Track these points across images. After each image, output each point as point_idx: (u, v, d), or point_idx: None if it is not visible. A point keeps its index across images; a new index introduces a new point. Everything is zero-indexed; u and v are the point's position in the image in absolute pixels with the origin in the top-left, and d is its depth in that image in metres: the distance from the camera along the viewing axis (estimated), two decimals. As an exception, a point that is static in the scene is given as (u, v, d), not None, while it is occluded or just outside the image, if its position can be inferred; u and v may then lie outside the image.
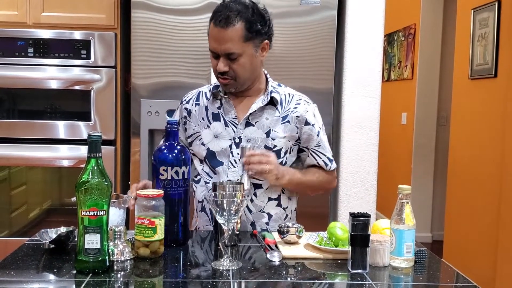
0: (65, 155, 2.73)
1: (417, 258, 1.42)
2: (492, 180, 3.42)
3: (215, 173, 1.75)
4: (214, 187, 1.58)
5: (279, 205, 1.76)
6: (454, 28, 4.14)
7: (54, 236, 1.46)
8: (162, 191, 1.43)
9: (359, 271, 1.33)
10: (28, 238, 1.54)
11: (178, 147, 1.55)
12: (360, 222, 1.32)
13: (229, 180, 1.70)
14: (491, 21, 3.48)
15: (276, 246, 1.51)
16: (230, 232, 1.41)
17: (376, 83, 2.75)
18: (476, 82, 3.72)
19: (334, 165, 1.85)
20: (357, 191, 2.78)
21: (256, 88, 1.78)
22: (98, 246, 1.26)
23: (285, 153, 1.76)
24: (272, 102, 1.75)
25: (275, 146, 1.74)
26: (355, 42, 2.73)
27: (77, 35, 2.69)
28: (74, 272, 1.28)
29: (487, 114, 3.53)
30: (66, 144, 2.72)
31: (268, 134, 1.74)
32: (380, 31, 2.74)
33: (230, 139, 1.74)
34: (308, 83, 2.69)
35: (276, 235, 1.58)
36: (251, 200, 1.73)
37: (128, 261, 1.36)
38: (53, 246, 1.45)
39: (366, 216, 1.33)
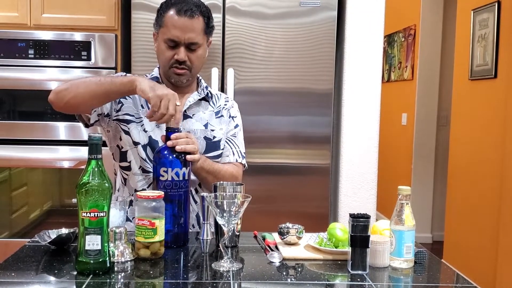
0: (66, 156, 2.73)
1: (417, 259, 1.42)
2: (492, 180, 3.42)
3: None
4: (215, 187, 1.58)
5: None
6: (454, 28, 4.15)
7: (54, 237, 1.46)
8: (162, 193, 1.43)
9: (359, 272, 1.33)
10: (29, 239, 1.55)
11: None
12: (359, 223, 1.32)
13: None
14: (491, 22, 3.48)
15: (276, 247, 1.51)
16: (230, 233, 1.41)
17: (376, 84, 2.75)
18: (476, 82, 3.72)
19: (244, 162, 1.89)
20: (357, 191, 2.78)
21: (192, 86, 1.84)
22: (99, 247, 1.26)
23: (224, 145, 1.83)
24: (205, 98, 1.83)
25: (214, 137, 1.80)
26: (355, 43, 2.73)
27: (78, 36, 2.70)
28: (75, 273, 1.28)
29: (487, 114, 3.53)
30: (66, 145, 2.73)
31: (206, 126, 1.80)
32: (380, 32, 2.74)
33: None
34: (308, 84, 2.69)
35: (276, 236, 1.59)
36: (196, 191, 1.77)
37: (129, 262, 1.37)
38: (53, 247, 1.46)
39: (366, 217, 1.33)
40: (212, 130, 1.81)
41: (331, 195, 2.82)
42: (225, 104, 1.89)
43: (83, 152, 2.70)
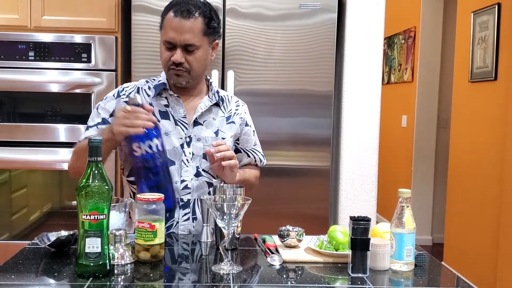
0: (66, 158, 2.72)
1: (417, 261, 1.42)
2: (492, 182, 3.42)
3: None
4: (214, 190, 1.58)
5: None
6: (454, 31, 4.15)
7: (53, 239, 1.46)
8: (163, 195, 1.43)
9: (360, 275, 1.33)
10: (29, 242, 1.54)
11: None
12: (360, 226, 1.32)
13: (183, 180, 1.72)
14: (491, 24, 3.48)
15: (277, 250, 1.51)
16: (230, 236, 1.41)
17: (376, 85, 2.75)
18: (476, 85, 3.72)
19: (265, 161, 1.96)
20: (357, 194, 2.78)
21: (199, 88, 1.82)
22: (99, 250, 1.26)
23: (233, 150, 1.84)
24: (216, 103, 1.81)
25: None
26: (355, 45, 2.73)
27: (78, 38, 2.70)
28: (75, 276, 1.28)
29: (487, 116, 3.53)
30: (66, 147, 2.72)
31: (216, 133, 1.79)
32: (380, 34, 2.74)
33: (181, 138, 1.74)
34: (308, 86, 2.69)
35: (276, 239, 1.58)
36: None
37: (129, 265, 1.36)
38: (53, 250, 1.46)
39: (366, 219, 1.33)
40: (223, 138, 1.79)
41: (331, 197, 2.82)
42: (237, 109, 1.86)
43: (83, 154, 2.70)
